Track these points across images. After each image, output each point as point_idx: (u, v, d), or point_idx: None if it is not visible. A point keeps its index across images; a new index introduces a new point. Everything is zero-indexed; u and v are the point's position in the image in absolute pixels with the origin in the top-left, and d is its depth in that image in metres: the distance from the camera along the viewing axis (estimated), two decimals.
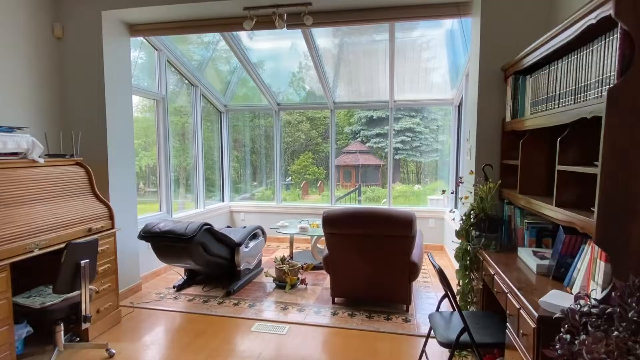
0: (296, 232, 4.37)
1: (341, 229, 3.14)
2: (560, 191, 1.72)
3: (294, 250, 4.96)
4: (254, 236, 4.15)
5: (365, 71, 5.12)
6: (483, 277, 2.28)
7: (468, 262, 2.46)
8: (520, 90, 2.34)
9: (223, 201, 6.01)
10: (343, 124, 16.32)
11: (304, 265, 3.96)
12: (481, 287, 2.33)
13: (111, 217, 3.00)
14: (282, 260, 3.84)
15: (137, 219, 3.69)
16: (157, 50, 4.30)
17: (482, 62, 2.65)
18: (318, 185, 19.48)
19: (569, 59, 1.71)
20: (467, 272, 2.53)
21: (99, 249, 2.84)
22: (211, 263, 3.48)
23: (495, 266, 2.05)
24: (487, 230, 2.38)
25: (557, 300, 1.49)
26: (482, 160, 2.67)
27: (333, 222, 3.14)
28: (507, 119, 2.48)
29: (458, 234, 2.57)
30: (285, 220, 5.00)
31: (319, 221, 4.78)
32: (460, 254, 2.50)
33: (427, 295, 3.62)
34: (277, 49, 5.22)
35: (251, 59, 4.89)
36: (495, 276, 2.02)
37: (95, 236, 2.64)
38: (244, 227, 4.39)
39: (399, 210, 3.05)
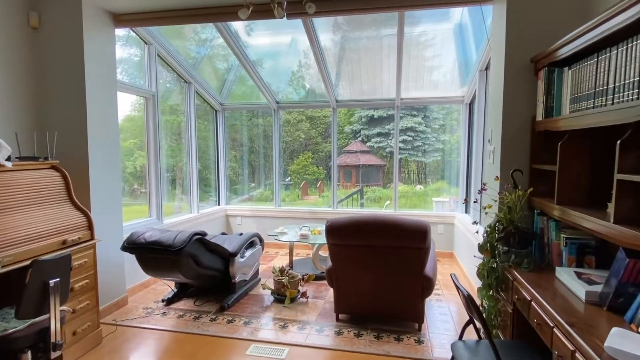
0: (296, 240, 4.06)
1: (347, 240, 2.83)
2: (620, 204, 1.41)
3: (294, 258, 4.65)
4: (251, 244, 3.84)
5: (369, 68, 4.81)
6: (514, 300, 1.98)
7: (494, 281, 2.15)
8: (555, 85, 2.03)
9: (219, 204, 5.69)
10: (343, 124, 16.00)
11: (305, 277, 3.65)
12: (510, 311, 2.03)
13: (90, 226, 2.69)
14: (281, 271, 3.53)
15: (122, 227, 3.37)
16: (146, 43, 3.99)
17: (508, 53, 2.34)
18: (318, 185, 19.17)
19: (631, 44, 1.40)
20: (491, 292, 2.22)
21: (76, 263, 2.53)
22: (203, 276, 3.17)
23: (531, 290, 1.75)
24: (517, 246, 2.07)
25: (627, 345, 1.18)
26: (507, 165, 2.37)
27: (338, 233, 2.83)
28: (539, 117, 2.18)
29: (481, 248, 2.27)
30: (284, 226, 4.69)
31: (321, 227, 4.47)
32: (485, 272, 2.20)
33: (440, 311, 3.31)
34: (276, 45, 4.91)
35: (250, 57, 4.59)
36: (532, 303, 1.72)
37: (68, 251, 2.32)
38: (240, 234, 4.08)
39: (412, 219, 2.74)
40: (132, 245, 2.87)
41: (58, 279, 2.10)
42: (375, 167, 20.24)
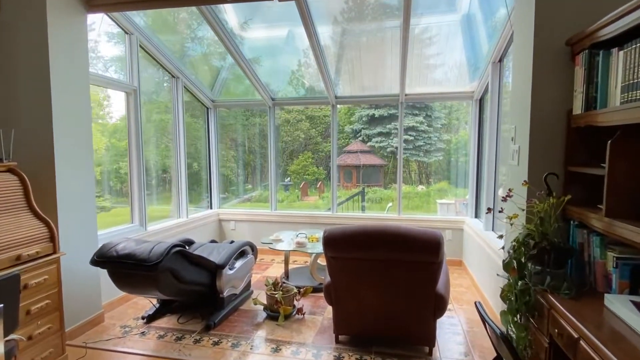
0: (292, 249, 3.70)
1: (347, 253, 2.47)
2: None
3: (291, 267, 4.30)
4: (242, 254, 3.49)
5: (371, 62, 4.46)
6: (551, 332, 1.62)
7: (523, 306, 1.79)
8: (599, 70, 1.67)
9: (211, 208, 5.34)
10: (344, 123, 15.67)
11: (301, 290, 3.30)
12: (546, 345, 1.67)
13: (53, 238, 2.34)
14: (275, 285, 3.17)
15: (97, 236, 3.02)
16: (127, 33, 3.63)
17: (537, 36, 1.98)
18: (318, 186, 18.81)
19: None
20: (518, 318, 1.87)
21: (33, 282, 2.18)
22: (185, 292, 2.82)
23: (578, 325, 1.39)
24: (552, 265, 1.72)
25: None
26: (537, 167, 2.01)
27: (337, 244, 2.48)
28: (577, 110, 1.82)
29: (507, 266, 1.91)
30: (280, 232, 4.34)
31: (319, 233, 4.12)
32: (512, 295, 1.84)
33: (452, 330, 2.95)
34: (272, 39, 4.55)
35: (245, 54, 4.26)
36: (582, 342, 1.36)
37: (16, 270, 1.97)
38: (231, 241, 3.73)
39: (422, 229, 2.38)
40: (103, 259, 2.51)
41: (1, 305, 1.75)
42: (376, 167, 19.89)
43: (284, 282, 3.23)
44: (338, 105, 5.02)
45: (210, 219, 5.09)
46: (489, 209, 2.29)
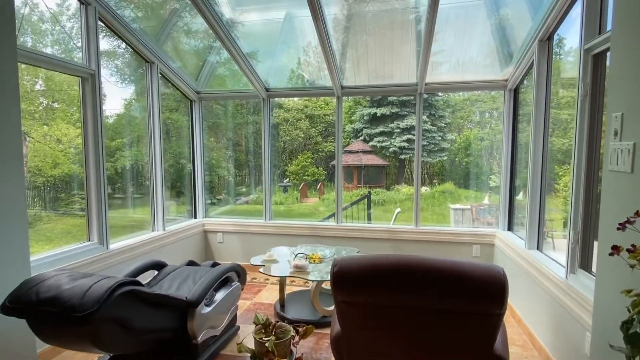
0: (288, 274, 2.95)
1: (367, 296, 1.72)
2: None
3: (287, 292, 3.55)
4: (225, 282, 2.75)
5: (384, 46, 3.72)
6: None
7: None
8: None
9: (195, 217, 4.59)
10: (344, 122, 14.82)
11: (300, 330, 2.55)
12: None
13: None
14: (265, 326, 2.42)
15: (29, 262, 2.27)
16: (83, 3, 2.88)
17: None
18: (318, 187, 18.03)
19: None
20: None
21: None
22: (141, 343, 2.07)
23: None
24: None
25: None
26: None
27: (353, 285, 1.73)
28: None
29: (631, 339, 1.16)
30: (274, 250, 3.59)
31: (322, 250, 3.38)
32: None
33: None
34: (269, 22, 3.84)
35: (243, 48, 3.58)
36: None
37: None
38: (213, 264, 2.99)
39: (479, 267, 1.64)
40: (17, 305, 1.76)
41: None
42: (378, 168, 19.12)
43: (277, 322, 2.47)
44: (343, 98, 4.27)
45: (193, 231, 4.33)
46: (615, 250, 1.36)
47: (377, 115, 18.22)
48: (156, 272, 2.84)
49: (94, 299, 1.69)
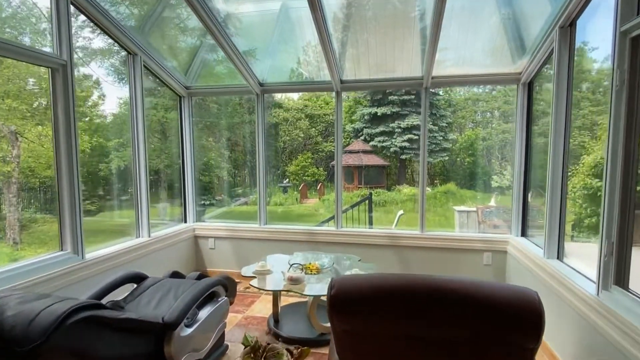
0: (282, 288, 2.65)
1: (373, 324, 1.43)
2: None
3: (282, 305, 3.25)
4: (211, 298, 2.45)
5: (387, 36, 3.42)
6: None
7: None
8: None
9: (185, 221, 4.29)
10: (344, 122, 14.52)
11: (295, 352, 2.25)
12: None
13: None
14: (255, 350, 2.13)
15: None
16: None
17: None
18: (318, 187, 17.74)
19: None
20: None
21: None
22: None
23: None
24: None
25: None
26: None
27: (355, 310, 1.43)
28: None
29: None
30: (268, 258, 3.30)
31: (320, 258, 3.09)
32: None
33: None
34: (265, 13, 3.55)
35: (240, 48, 3.31)
36: None
37: None
38: (199, 275, 2.70)
39: (509, 290, 1.34)
40: None
41: None
42: (379, 168, 18.83)
43: (268, 345, 2.18)
44: (344, 93, 3.98)
45: (182, 236, 4.04)
46: None
47: (378, 114, 17.93)
48: (135, 286, 2.55)
49: (41, 329, 1.40)
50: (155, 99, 5.64)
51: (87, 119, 5.86)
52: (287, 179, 17.11)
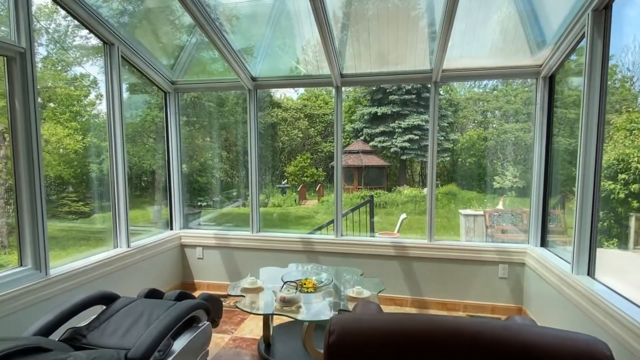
0: (273, 311, 2.30)
1: None
2: None
3: (275, 325, 2.91)
4: (189, 323, 2.10)
5: (392, 26, 3.08)
6: None
7: None
8: None
9: (171, 228, 3.94)
10: (344, 122, 14.17)
11: None
12: None
13: None
14: None
15: None
16: None
17: None
18: (317, 189, 17.34)
19: None
20: None
21: None
22: None
23: None
24: None
25: None
26: None
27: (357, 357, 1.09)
28: None
29: None
30: (259, 272, 2.95)
31: (317, 274, 2.74)
32: None
33: None
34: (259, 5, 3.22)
35: (235, 47, 2.97)
36: None
37: None
38: (178, 295, 2.35)
39: (556, 338, 1.00)
40: None
41: None
42: (380, 169, 18.46)
43: None
44: (344, 89, 3.63)
45: (167, 246, 3.69)
46: None
47: (378, 114, 17.60)
48: (104, 308, 2.20)
49: None
50: (149, 97, 5.32)
51: (81, 118, 5.58)
52: (286, 180, 16.76)
